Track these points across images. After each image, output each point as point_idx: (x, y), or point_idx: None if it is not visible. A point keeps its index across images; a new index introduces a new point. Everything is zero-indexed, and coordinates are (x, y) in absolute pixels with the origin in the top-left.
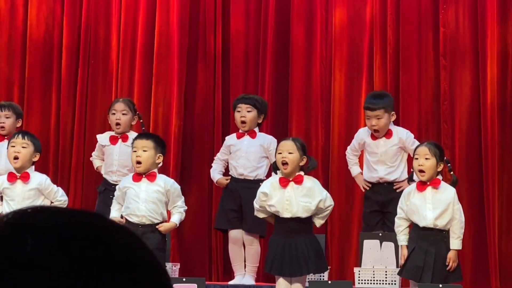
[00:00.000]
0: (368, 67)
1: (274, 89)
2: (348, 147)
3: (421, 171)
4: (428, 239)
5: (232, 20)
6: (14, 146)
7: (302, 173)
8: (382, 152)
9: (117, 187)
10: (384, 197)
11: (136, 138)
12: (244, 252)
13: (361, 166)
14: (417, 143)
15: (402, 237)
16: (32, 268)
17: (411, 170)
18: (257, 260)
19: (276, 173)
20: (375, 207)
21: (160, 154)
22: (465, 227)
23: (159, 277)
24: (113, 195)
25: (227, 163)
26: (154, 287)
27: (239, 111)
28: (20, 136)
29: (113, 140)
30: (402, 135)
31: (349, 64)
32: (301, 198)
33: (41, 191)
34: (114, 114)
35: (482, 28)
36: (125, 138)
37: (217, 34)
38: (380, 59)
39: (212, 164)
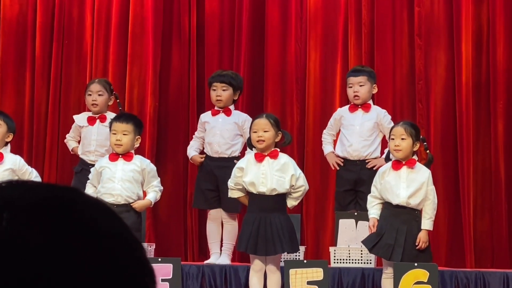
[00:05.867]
0: (343, 47)
1: (249, 70)
2: (325, 129)
3: (397, 150)
4: (400, 216)
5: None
6: None
7: (277, 149)
8: (359, 124)
9: (92, 168)
10: (356, 175)
11: (115, 120)
12: (222, 230)
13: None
14: (392, 124)
15: (373, 211)
16: (8, 243)
17: (388, 149)
18: (234, 238)
19: (252, 150)
20: (347, 186)
21: (139, 136)
22: (440, 207)
23: (134, 252)
24: None
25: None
26: (130, 260)
27: (214, 90)
28: None
29: (91, 120)
30: (380, 112)
31: (324, 44)
32: (276, 173)
33: (15, 171)
34: (90, 95)
35: (457, 7)
36: (103, 119)
37: (192, 14)
38: (355, 39)
39: (190, 142)
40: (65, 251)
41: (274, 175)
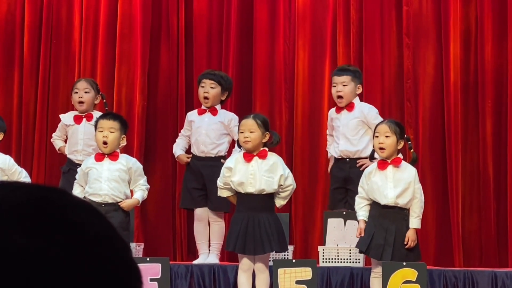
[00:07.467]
0: (331, 46)
1: (237, 69)
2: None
3: (381, 148)
4: (388, 216)
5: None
6: None
7: (266, 148)
8: (343, 124)
9: (79, 168)
10: (346, 173)
11: (101, 118)
12: (209, 230)
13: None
14: (379, 118)
15: (361, 213)
16: None
17: (373, 148)
18: (221, 237)
19: (240, 149)
20: (338, 184)
21: (124, 136)
22: (429, 206)
23: (121, 252)
24: None
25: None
26: (116, 262)
27: (203, 87)
28: None
29: (78, 119)
30: (364, 109)
31: (312, 43)
32: (264, 173)
33: (4, 171)
34: (76, 93)
35: (445, 6)
36: (89, 117)
37: (180, 14)
38: (344, 38)
39: (176, 140)
40: (51, 253)
41: (263, 175)
